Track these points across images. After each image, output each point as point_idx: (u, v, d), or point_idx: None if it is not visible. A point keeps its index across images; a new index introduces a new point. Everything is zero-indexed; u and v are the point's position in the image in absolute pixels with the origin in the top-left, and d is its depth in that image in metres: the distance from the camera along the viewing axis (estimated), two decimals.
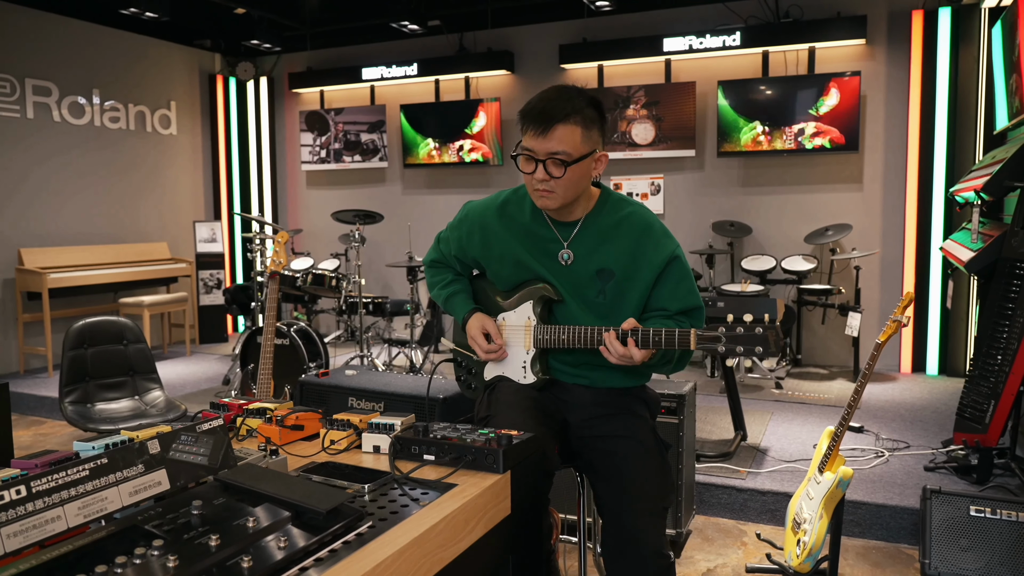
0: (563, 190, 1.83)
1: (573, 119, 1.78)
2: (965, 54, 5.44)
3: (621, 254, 1.89)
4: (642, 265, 1.88)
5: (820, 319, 6.03)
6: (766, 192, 6.21)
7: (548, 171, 1.80)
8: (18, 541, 1.01)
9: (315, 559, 1.07)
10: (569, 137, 1.78)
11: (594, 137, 1.84)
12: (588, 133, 1.81)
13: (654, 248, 1.88)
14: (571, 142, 1.79)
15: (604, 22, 6.57)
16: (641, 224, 1.91)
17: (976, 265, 3.42)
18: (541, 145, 1.79)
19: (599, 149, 1.87)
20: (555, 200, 1.85)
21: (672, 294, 1.89)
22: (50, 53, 6.40)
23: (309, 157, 7.77)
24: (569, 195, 1.85)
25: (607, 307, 1.90)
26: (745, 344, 1.71)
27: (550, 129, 1.78)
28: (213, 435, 1.31)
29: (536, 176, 1.82)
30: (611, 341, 1.78)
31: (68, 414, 3.53)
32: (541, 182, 1.82)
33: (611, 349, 1.78)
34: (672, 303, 1.89)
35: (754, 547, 3.09)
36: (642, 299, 1.90)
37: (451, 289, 2.14)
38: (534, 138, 1.80)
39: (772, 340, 1.67)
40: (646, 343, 1.76)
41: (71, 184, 6.58)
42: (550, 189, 1.82)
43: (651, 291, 1.90)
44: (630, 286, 1.89)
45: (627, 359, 1.78)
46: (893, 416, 4.48)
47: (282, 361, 4.52)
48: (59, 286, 6.03)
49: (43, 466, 1.31)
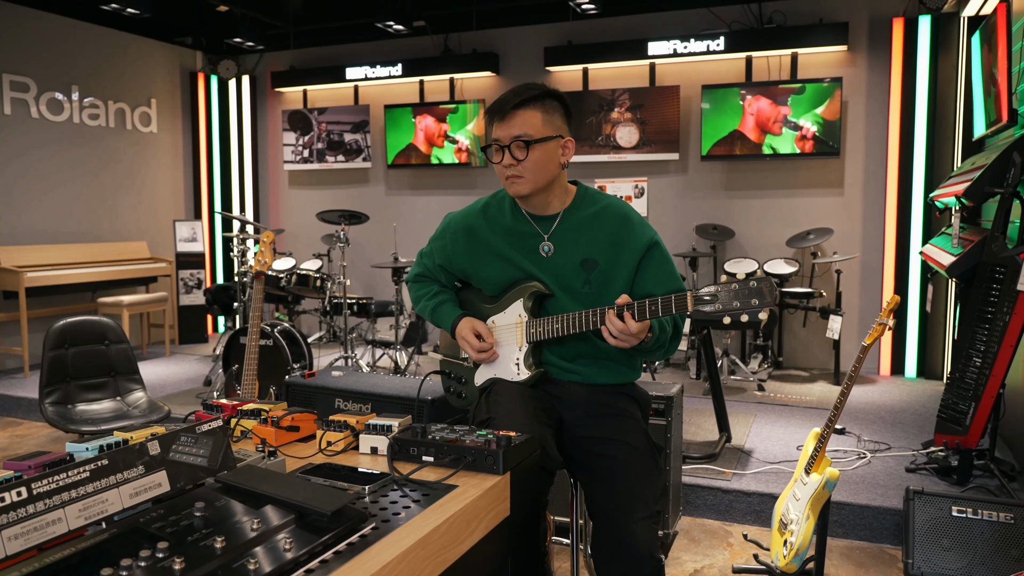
0: (530, 173, 1.90)
1: (531, 105, 1.89)
2: (944, 62, 5.53)
3: (603, 243, 1.94)
4: (624, 252, 1.93)
5: (801, 322, 6.10)
6: (749, 196, 6.27)
7: (513, 155, 1.89)
8: (19, 544, 1.00)
9: (320, 561, 1.07)
10: (529, 120, 1.88)
11: (556, 122, 1.92)
12: (548, 117, 1.91)
13: (634, 235, 1.94)
14: (531, 125, 1.88)
15: (589, 25, 6.59)
16: (619, 214, 1.98)
17: (957, 269, 3.48)
18: (504, 131, 1.90)
19: (565, 136, 1.94)
20: (524, 184, 1.91)
21: (656, 278, 1.93)
22: (28, 48, 6.29)
23: (292, 157, 7.72)
24: (538, 178, 1.91)
25: (594, 296, 1.93)
26: (741, 298, 1.68)
27: (508, 114, 1.89)
28: (213, 436, 1.30)
29: (504, 162, 1.91)
30: (611, 319, 1.79)
31: (48, 415, 3.47)
32: (508, 167, 1.90)
33: (610, 326, 1.80)
34: (657, 287, 1.92)
35: (740, 548, 3.12)
36: (627, 285, 1.94)
37: (437, 300, 2.15)
38: (498, 127, 1.91)
39: (767, 290, 1.66)
40: (643, 314, 1.77)
41: (49, 182, 6.48)
42: (518, 174, 1.90)
43: (635, 277, 1.94)
44: (614, 274, 1.93)
45: (626, 333, 1.78)
46: (874, 418, 4.54)
47: (266, 362, 4.47)
48: (36, 285, 5.94)
49: (37, 468, 1.29)
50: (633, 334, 1.78)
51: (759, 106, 5.96)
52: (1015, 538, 2.71)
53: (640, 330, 1.79)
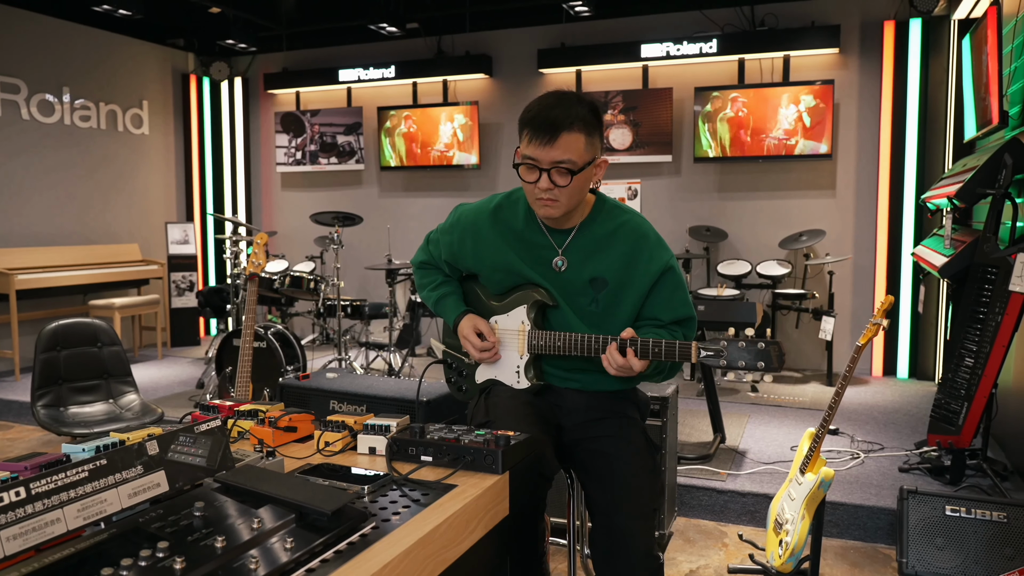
0: (567, 198, 1.81)
1: (577, 127, 1.75)
2: (935, 65, 5.57)
3: (615, 263, 1.87)
4: (636, 274, 1.87)
5: (794, 323, 6.12)
6: (741, 198, 6.29)
7: (553, 180, 1.77)
8: (17, 544, 0.99)
9: (321, 560, 1.07)
10: (574, 145, 1.76)
11: (596, 144, 1.82)
12: (591, 140, 1.79)
13: (649, 258, 1.87)
14: (576, 150, 1.76)
15: (582, 27, 6.61)
16: (636, 233, 1.90)
17: (950, 270, 3.50)
18: (546, 154, 1.76)
19: (599, 155, 1.85)
20: (559, 208, 1.82)
21: (666, 304, 1.89)
22: (19, 49, 6.26)
23: (284, 159, 7.70)
24: (572, 203, 1.84)
25: (600, 315, 1.90)
26: (747, 358, 1.69)
27: (556, 138, 1.74)
28: (211, 436, 1.30)
29: (540, 185, 1.79)
30: (612, 352, 1.77)
31: (40, 418, 3.45)
32: (545, 191, 1.79)
33: (611, 361, 1.77)
34: (665, 313, 1.89)
35: (735, 548, 3.13)
36: (635, 308, 1.89)
37: (441, 291, 2.11)
38: (539, 147, 1.76)
39: (775, 355, 1.67)
40: (646, 354, 1.75)
41: (40, 183, 6.44)
42: (554, 198, 1.80)
43: (644, 300, 1.89)
44: (623, 295, 1.88)
45: (626, 370, 1.77)
46: (867, 419, 4.56)
47: (259, 364, 4.46)
48: (27, 287, 5.90)
49: (33, 469, 1.29)
50: (634, 370, 1.77)
51: (752, 108, 5.99)
52: (1008, 537, 2.72)
53: (641, 368, 1.77)
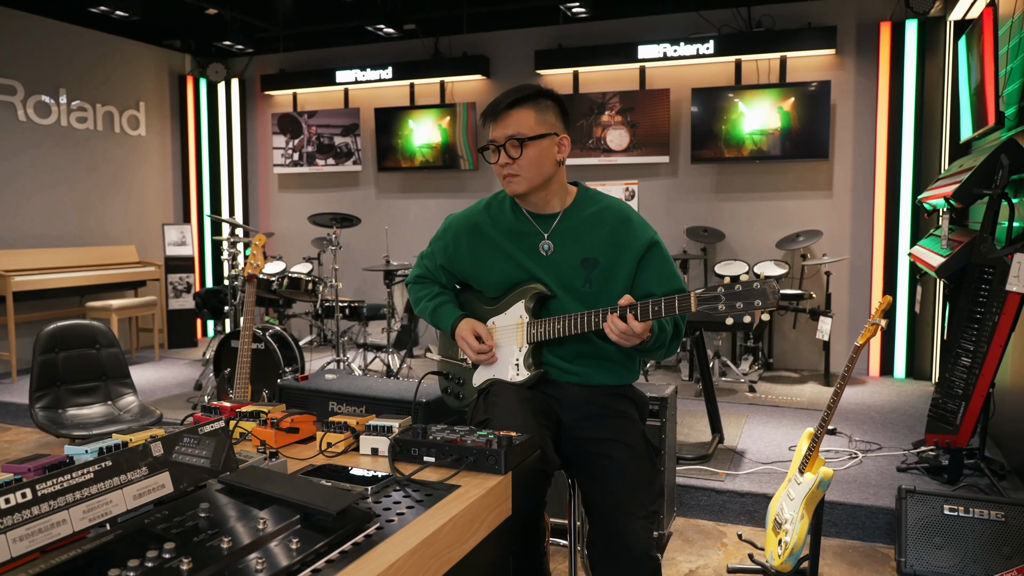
0: (525, 171, 1.92)
1: (524, 104, 1.92)
2: (931, 65, 5.59)
3: (603, 242, 1.95)
4: (624, 251, 1.94)
5: (791, 324, 6.13)
6: (738, 198, 6.30)
7: (508, 154, 1.91)
8: (24, 545, 0.99)
9: (327, 561, 1.07)
10: (522, 119, 1.91)
11: (550, 120, 1.94)
12: (542, 115, 1.93)
13: (634, 235, 1.95)
14: (524, 123, 1.91)
15: (580, 29, 6.62)
16: (619, 214, 1.99)
17: (947, 270, 3.51)
18: (498, 131, 1.93)
19: (560, 133, 1.96)
20: (521, 183, 1.94)
21: (657, 278, 1.94)
22: (15, 51, 6.24)
23: (281, 160, 7.69)
24: (533, 176, 1.93)
25: (595, 296, 1.94)
26: (744, 299, 1.69)
27: (501, 115, 1.93)
28: (215, 437, 1.30)
29: (500, 161, 1.93)
30: (613, 320, 1.80)
31: (39, 420, 3.44)
32: (504, 166, 1.93)
33: (614, 327, 1.80)
34: (658, 286, 1.93)
35: (734, 548, 3.13)
36: (627, 285, 1.95)
37: (437, 301, 2.16)
38: (492, 127, 1.95)
39: (770, 292, 1.67)
40: (646, 315, 1.78)
41: (36, 185, 6.42)
42: (514, 172, 1.93)
43: (635, 277, 1.95)
44: (615, 273, 1.94)
45: (629, 333, 1.79)
46: (864, 419, 4.57)
47: (257, 366, 4.46)
48: (23, 289, 5.88)
49: (36, 470, 1.29)
50: (636, 333, 1.79)
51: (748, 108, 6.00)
52: (1006, 536, 2.73)
53: (643, 329, 1.79)
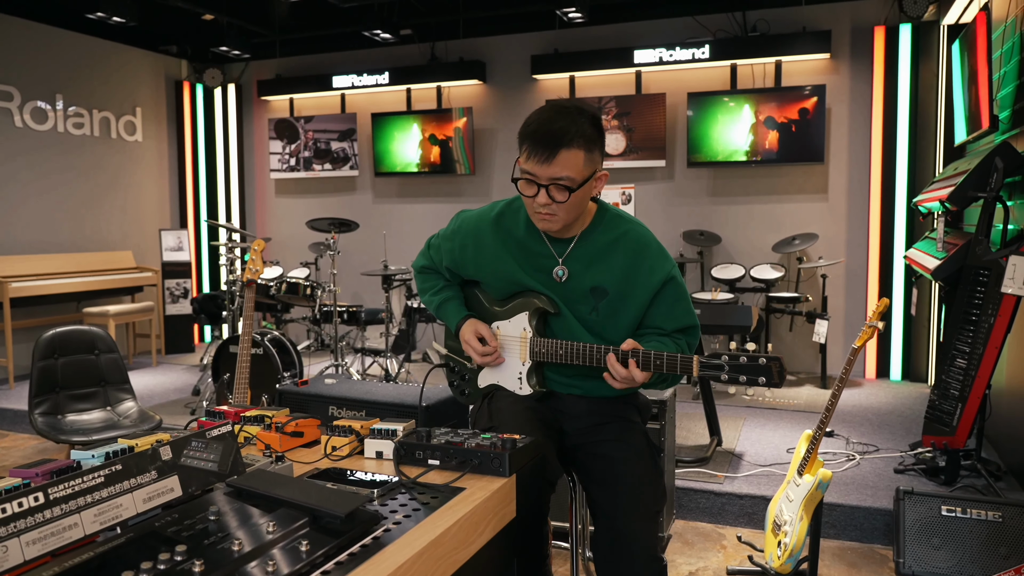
0: (565, 213, 1.81)
1: (577, 143, 1.74)
2: (925, 69, 5.63)
3: (615, 273, 1.88)
4: (637, 285, 1.87)
5: (788, 326, 6.15)
6: (735, 202, 6.33)
7: (551, 196, 1.77)
8: (37, 549, 1.00)
9: (335, 563, 1.08)
10: (573, 162, 1.75)
11: (595, 158, 1.81)
12: (590, 156, 1.78)
13: (650, 269, 1.87)
14: (575, 167, 1.75)
15: (576, 34, 6.65)
16: (637, 243, 1.90)
17: (942, 273, 3.53)
18: (544, 171, 1.76)
19: (599, 169, 1.85)
20: (557, 223, 1.83)
21: (668, 314, 1.90)
22: (12, 57, 6.24)
23: (278, 165, 7.70)
24: (571, 217, 1.84)
25: (600, 324, 1.91)
26: (748, 373, 1.68)
27: (555, 155, 1.74)
28: (222, 441, 1.31)
29: (539, 200, 1.79)
30: (612, 364, 1.77)
31: (38, 425, 3.44)
32: (543, 206, 1.79)
33: (613, 373, 1.78)
34: (668, 323, 1.90)
35: (733, 550, 3.15)
36: (636, 318, 1.90)
37: (443, 296, 2.12)
38: (537, 164, 1.76)
39: (775, 371, 1.66)
40: (647, 366, 1.75)
41: (33, 191, 6.42)
42: (552, 213, 1.80)
43: (646, 310, 1.90)
44: (624, 305, 1.88)
45: (629, 381, 1.78)
46: (861, 420, 4.59)
47: (256, 371, 4.46)
48: (21, 295, 5.88)
49: (44, 475, 1.29)
50: (636, 381, 1.77)
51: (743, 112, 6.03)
52: (1003, 536, 2.75)
53: (643, 379, 1.77)
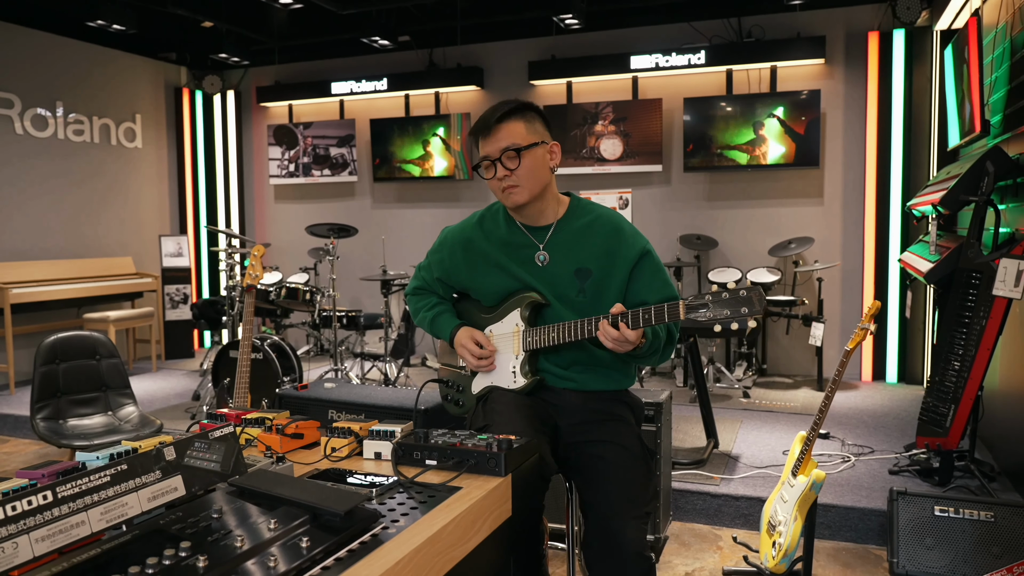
0: (525, 180, 1.97)
1: (512, 117, 1.97)
2: (919, 74, 5.68)
3: (596, 252, 2.00)
4: (617, 261, 1.99)
5: (784, 329, 6.19)
6: (731, 206, 6.37)
7: (505, 166, 1.95)
8: (45, 545, 1.03)
9: (335, 559, 1.11)
10: (513, 130, 1.96)
11: (538, 129, 2.00)
12: (530, 126, 1.98)
13: (626, 245, 2.00)
14: (516, 134, 1.96)
15: (573, 40, 6.70)
16: (611, 224, 2.04)
17: (935, 276, 3.57)
18: (491, 146, 1.97)
19: (549, 141, 2.02)
20: (522, 192, 1.98)
21: (649, 286, 2.00)
22: (12, 64, 6.29)
23: (277, 171, 7.74)
24: (533, 185, 1.98)
25: (588, 304, 1.99)
26: (731, 307, 1.74)
27: (493, 129, 1.96)
28: (224, 442, 1.34)
29: (498, 175, 1.97)
30: (605, 328, 1.85)
31: (40, 430, 3.47)
32: (503, 179, 1.96)
33: (607, 334, 1.85)
34: (650, 295, 1.98)
35: (729, 551, 3.18)
36: (620, 293, 2.00)
37: (435, 311, 2.21)
38: (484, 144, 1.99)
39: (756, 299, 1.72)
40: (636, 323, 1.83)
41: (34, 197, 6.46)
42: (513, 183, 1.97)
43: (627, 286, 2.00)
44: (608, 282, 1.99)
45: (622, 342, 1.84)
46: (857, 423, 4.62)
47: (256, 375, 4.49)
48: (21, 301, 5.91)
49: (51, 476, 1.33)
50: (630, 340, 1.84)
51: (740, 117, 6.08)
52: (995, 536, 2.78)
53: (636, 336, 1.84)
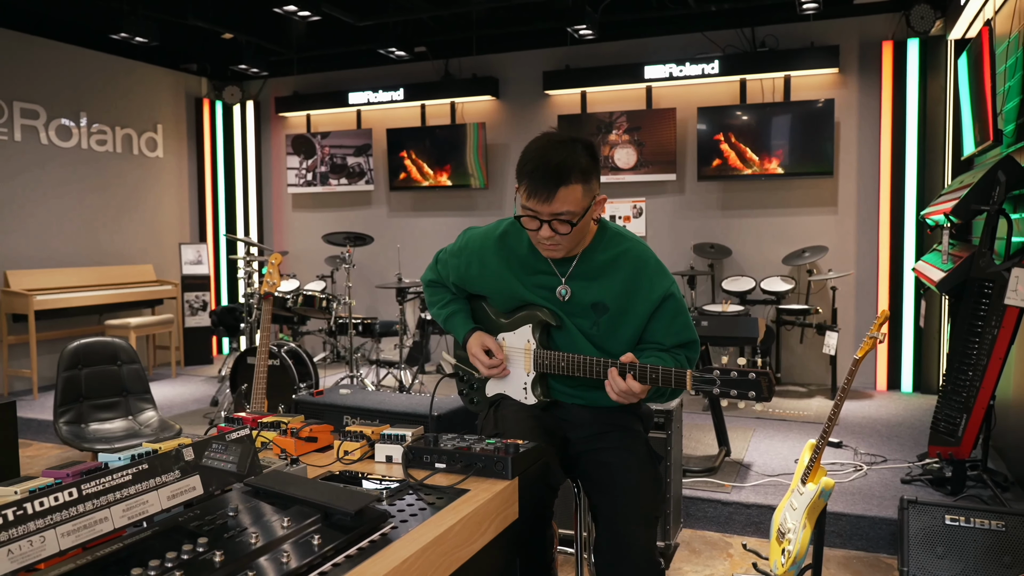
0: (569, 242, 1.89)
1: (574, 178, 1.80)
2: (933, 83, 5.67)
3: (616, 289, 1.95)
4: (636, 301, 1.94)
5: (798, 338, 6.18)
6: (745, 215, 6.39)
7: (554, 229, 1.84)
8: (71, 540, 1.09)
9: (346, 556, 1.16)
10: (572, 197, 1.81)
11: (593, 186, 1.87)
12: (588, 187, 1.84)
13: (649, 286, 1.94)
14: (574, 201, 1.81)
15: (587, 50, 6.75)
16: (637, 260, 1.97)
17: (947, 285, 3.57)
18: (545, 208, 1.82)
19: (598, 194, 1.91)
20: (561, 251, 1.92)
21: (667, 330, 1.97)
22: (39, 76, 6.44)
23: (295, 180, 7.85)
24: (574, 244, 1.93)
25: (601, 337, 1.99)
26: (739, 388, 1.76)
27: (554, 194, 1.79)
28: (241, 444, 1.39)
29: (542, 234, 1.86)
30: (614, 378, 1.85)
31: (63, 434, 3.55)
32: (547, 239, 1.87)
33: (613, 385, 1.86)
34: (667, 338, 1.97)
35: (739, 558, 3.19)
36: (636, 332, 1.98)
37: (450, 309, 2.21)
38: (538, 203, 1.81)
39: (765, 386, 1.73)
40: (643, 379, 1.83)
41: (58, 206, 6.60)
42: (556, 243, 1.88)
43: (646, 325, 1.97)
44: (624, 320, 1.96)
45: (627, 394, 1.85)
46: (870, 432, 4.62)
47: (273, 382, 4.56)
48: (45, 308, 6.03)
49: (75, 475, 1.39)
50: (635, 394, 1.85)
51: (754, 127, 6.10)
52: (1006, 545, 2.78)
53: (641, 390, 1.84)
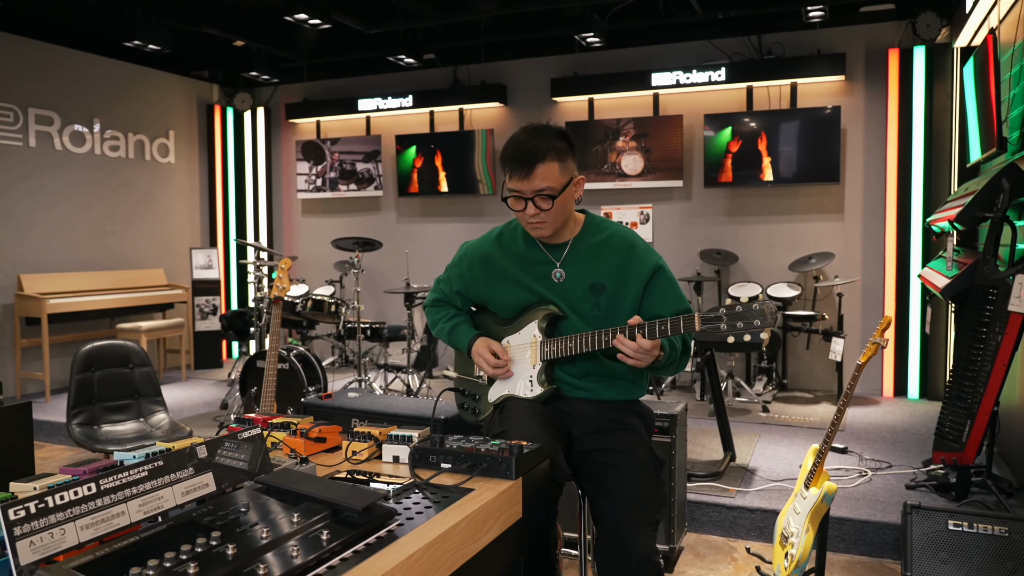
0: (553, 218, 2.05)
1: (549, 156, 2.00)
2: (939, 90, 5.69)
3: (610, 268, 2.09)
4: (630, 276, 2.07)
5: (805, 344, 6.20)
6: (751, 222, 6.41)
7: (537, 206, 2.02)
8: (89, 533, 1.13)
9: (353, 551, 1.20)
10: (549, 173, 2.00)
11: (570, 166, 2.05)
12: (564, 165, 2.03)
13: (639, 261, 2.08)
14: (552, 177, 2.00)
15: (594, 57, 6.80)
16: (625, 241, 2.13)
17: (951, 291, 3.59)
18: (526, 185, 2.01)
19: (575, 175, 2.09)
20: (548, 227, 2.07)
21: (663, 300, 2.08)
22: (53, 83, 6.54)
23: (305, 186, 7.92)
24: (559, 221, 2.08)
25: (603, 318, 2.08)
26: (744, 319, 1.81)
27: (532, 171, 1.99)
28: (252, 443, 1.44)
29: (528, 212, 2.04)
30: (622, 340, 1.93)
31: (76, 436, 3.61)
32: (533, 216, 2.04)
33: (622, 346, 1.93)
34: (665, 308, 2.06)
35: (743, 562, 3.21)
36: (634, 308, 2.08)
37: (453, 322, 2.31)
38: (519, 181, 2.01)
39: (768, 312, 1.80)
40: (653, 334, 1.91)
41: (71, 211, 6.69)
42: (542, 220, 2.05)
43: (642, 300, 2.08)
44: (622, 297, 2.08)
45: (642, 353, 1.92)
46: (876, 438, 4.62)
47: (282, 385, 4.61)
48: (58, 311, 6.11)
49: (91, 472, 1.43)
50: (647, 351, 1.91)
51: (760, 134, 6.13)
52: (1010, 550, 2.79)
53: (653, 347, 1.92)
